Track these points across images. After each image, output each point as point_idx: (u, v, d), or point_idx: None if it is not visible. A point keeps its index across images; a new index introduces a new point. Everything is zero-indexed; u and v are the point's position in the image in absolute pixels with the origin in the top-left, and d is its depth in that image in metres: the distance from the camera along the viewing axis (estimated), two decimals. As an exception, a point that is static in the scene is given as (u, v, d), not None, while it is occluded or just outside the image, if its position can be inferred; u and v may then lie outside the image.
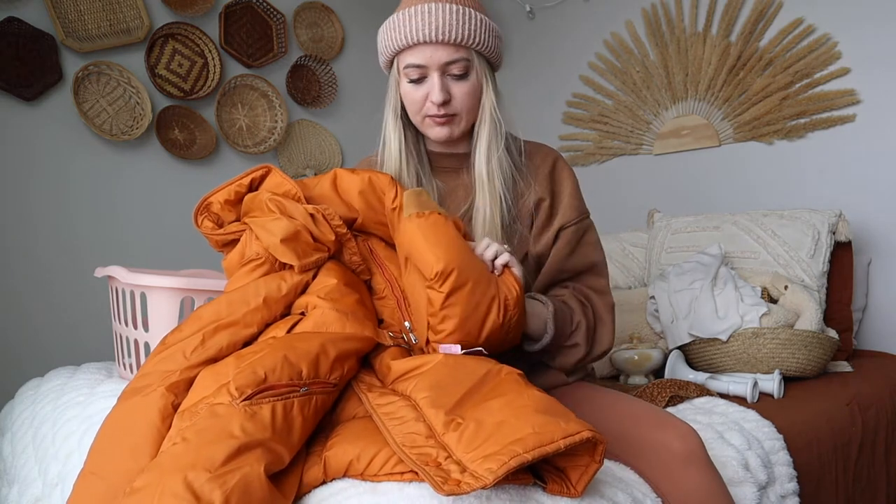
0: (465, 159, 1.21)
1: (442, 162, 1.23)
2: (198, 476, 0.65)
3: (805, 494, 1.25)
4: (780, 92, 2.22)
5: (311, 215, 1.01)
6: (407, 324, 1.01)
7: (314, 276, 1.01)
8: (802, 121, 2.20)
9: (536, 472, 0.76)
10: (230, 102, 2.58)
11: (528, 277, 1.18)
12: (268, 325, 0.94)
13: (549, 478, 0.75)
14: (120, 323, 1.40)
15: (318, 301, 0.95)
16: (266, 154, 2.67)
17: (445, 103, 1.10)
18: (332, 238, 1.02)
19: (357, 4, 2.94)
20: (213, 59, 2.51)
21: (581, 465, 0.73)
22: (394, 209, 1.05)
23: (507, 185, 1.16)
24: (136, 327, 1.34)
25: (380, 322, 1.03)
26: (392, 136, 1.18)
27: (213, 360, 0.86)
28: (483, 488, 0.64)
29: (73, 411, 1.24)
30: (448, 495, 0.64)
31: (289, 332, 0.92)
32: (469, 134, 1.19)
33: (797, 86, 2.20)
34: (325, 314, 0.93)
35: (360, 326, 0.93)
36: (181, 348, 0.86)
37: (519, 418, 0.71)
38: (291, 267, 0.99)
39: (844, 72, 2.10)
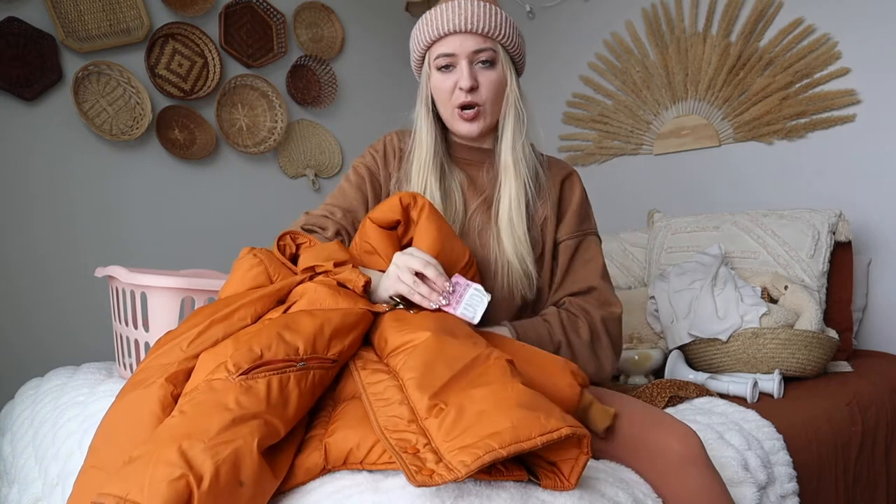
0: (488, 155, 1.27)
1: (465, 154, 1.28)
2: (192, 445, 0.67)
3: (805, 494, 1.25)
4: (780, 92, 2.22)
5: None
6: None
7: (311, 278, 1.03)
8: (802, 121, 2.20)
9: (531, 468, 0.76)
10: (230, 102, 2.58)
11: (525, 291, 1.20)
12: (260, 318, 0.95)
13: (543, 473, 0.75)
14: (120, 323, 1.40)
15: (310, 284, 0.98)
16: (266, 154, 2.67)
17: (473, 90, 1.16)
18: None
19: (357, 4, 2.94)
20: (213, 59, 2.51)
21: (571, 457, 0.74)
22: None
23: (531, 174, 1.22)
24: (136, 327, 1.34)
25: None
26: (423, 128, 1.24)
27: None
28: (455, 481, 0.65)
29: (73, 411, 1.24)
30: (419, 486, 0.65)
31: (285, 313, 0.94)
32: (493, 129, 1.25)
33: (797, 86, 2.20)
34: (317, 291, 0.95)
35: (353, 300, 0.95)
36: (178, 343, 0.87)
37: (500, 410, 0.71)
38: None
39: (844, 72, 2.10)
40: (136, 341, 1.34)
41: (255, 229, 2.58)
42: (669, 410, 1.33)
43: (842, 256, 1.91)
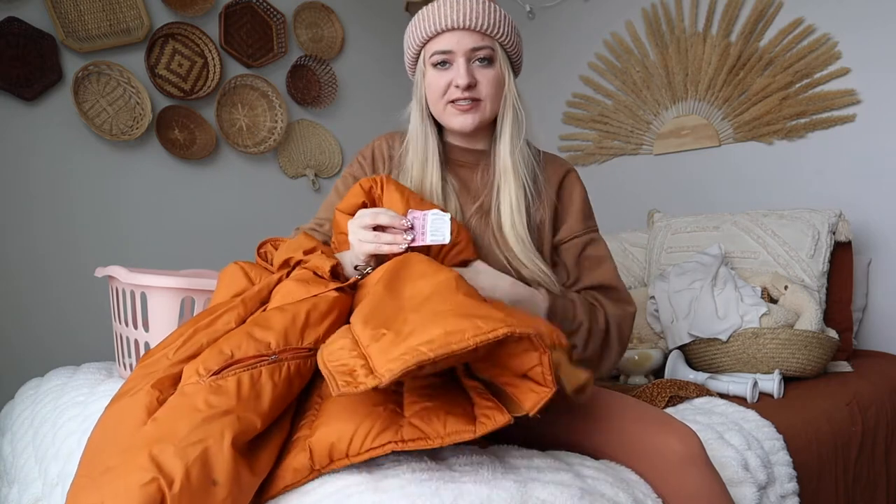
0: (483, 157, 1.23)
1: (458, 156, 1.24)
2: (163, 450, 0.69)
3: (805, 494, 1.25)
4: (780, 92, 2.22)
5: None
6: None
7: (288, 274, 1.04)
8: (802, 121, 2.20)
9: (512, 402, 0.76)
10: (230, 102, 2.58)
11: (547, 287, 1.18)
12: (245, 321, 0.95)
13: (520, 393, 0.74)
14: (120, 323, 1.40)
15: (282, 282, 0.98)
16: (266, 154, 2.67)
17: (470, 87, 1.13)
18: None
19: (357, 4, 2.94)
20: (213, 59, 2.51)
21: (536, 363, 0.73)
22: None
23: (529, 175, 1.18)
24: (136, 327, 1.34)
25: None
26: (418, 130, 1.20)
27: (195, 356, 0.87)
28: (377, 386, 0.66)
29: (73, 411, 1.24)
30: (341, 395, 0.67)
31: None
32: (489, 130, 1.21)
33: (797, 86, 2.20)
34: (287, 286, 0.95)
35: (323, 286, 0.94)
36: (165, 353, 0.87)
37: (435, 322, 0.71)
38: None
39: (844, 72, 2.10)
40: (136, 341, 1.34)
41: (255, 229, 2.57)
42: (669, 410, 1.33)
43: (842, 256, 1.91)
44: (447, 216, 0.99)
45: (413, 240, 0.98)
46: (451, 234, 0.99)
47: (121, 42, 2.30)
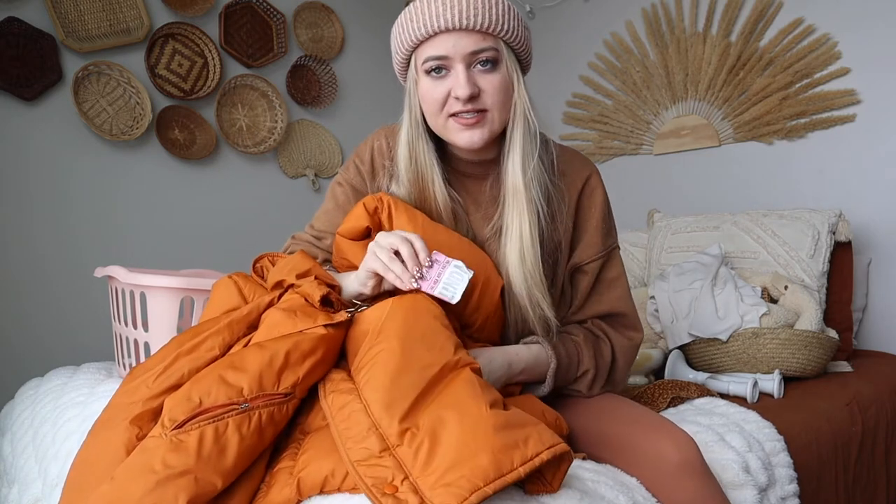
0: (493, 166, 1.08)
1: (465, 168, 1.09)
2: None
3: (805, 495, 1.25)
4: (780, 92, 2.22)
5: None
6: None
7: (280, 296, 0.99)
8: (802, 121, 2.19)
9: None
10: (230, 102, 2.58)
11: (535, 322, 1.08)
12: (230, 347, 0.90)
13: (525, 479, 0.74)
14: (120, 323, 1.40)
15: (270, 310, 0.92)
16: (266, 154, 2.67)
17: (473, 98, 0.96)
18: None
19: (357, 4, 2.94)
20: (213, 59, 2.51)
21: (552, 465, 0.73)
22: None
23: (543, 196, 1.03)
24: (136, 327, 1.34)
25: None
26: (414, 146, 1.04)
27: (176, 386, 0.83)
28: None
29: (73, 411, 1.24)
30: None
31: (245, 346, 0.89)
32: (498, 137, 1.04)
33: (797, 86, 2.20)
34: (272, 316, 0.89)
35: (311, 319, 0.88)
36: (145, 380, 0.83)
37: (477, 438, 0.69)
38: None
39: (844, 72, 2.10)
40: (136, 341, 1.34)
41: (255, 229, 2.58)
42: (670, 411, 1.33)
43: (842, 256, 1.91)
44: (467, 275, 0.92)
45: (424, 280, 0.92)
46: (463, 295, 0.93)
47: (121, 42, 2.30)
